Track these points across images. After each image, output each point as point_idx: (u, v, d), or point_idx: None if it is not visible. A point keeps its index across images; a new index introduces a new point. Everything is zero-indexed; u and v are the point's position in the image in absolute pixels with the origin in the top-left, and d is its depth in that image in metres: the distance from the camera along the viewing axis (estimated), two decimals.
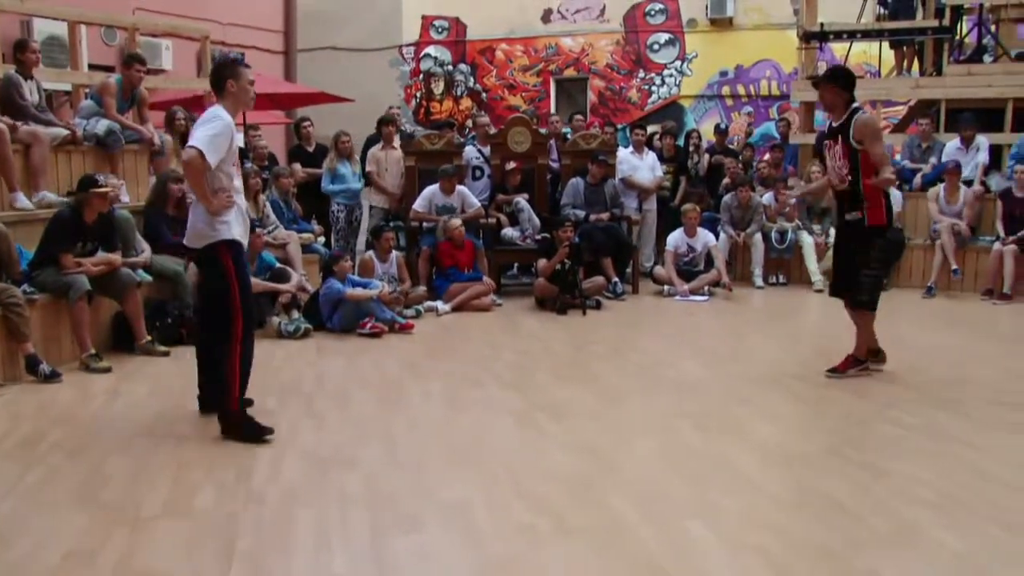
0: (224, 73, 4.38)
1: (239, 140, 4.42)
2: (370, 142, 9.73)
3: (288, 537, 3.20)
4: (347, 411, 4.87)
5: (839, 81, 5.18)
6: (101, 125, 7.19)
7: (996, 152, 9.83)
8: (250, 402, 4.65)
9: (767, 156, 10.58)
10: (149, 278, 6.52)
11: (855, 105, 5.20)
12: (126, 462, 3.98)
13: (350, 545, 3.12)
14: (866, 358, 5.34)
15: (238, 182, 4.52)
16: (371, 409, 4.92)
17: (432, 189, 8.68)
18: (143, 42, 9.86)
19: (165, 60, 11.45)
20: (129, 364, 5.96)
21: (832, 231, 9.43)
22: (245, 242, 4.52)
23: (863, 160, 5.07)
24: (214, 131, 4.20)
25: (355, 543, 3.13)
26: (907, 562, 2.95)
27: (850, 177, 5.10)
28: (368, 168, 9.35)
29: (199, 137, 4.19)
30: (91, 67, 9.15)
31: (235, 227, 4.37)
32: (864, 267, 5.25)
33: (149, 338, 6.22)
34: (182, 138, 8.08)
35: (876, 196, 5.14)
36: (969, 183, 9.33)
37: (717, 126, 11.70)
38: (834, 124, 5.22)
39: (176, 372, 5.74)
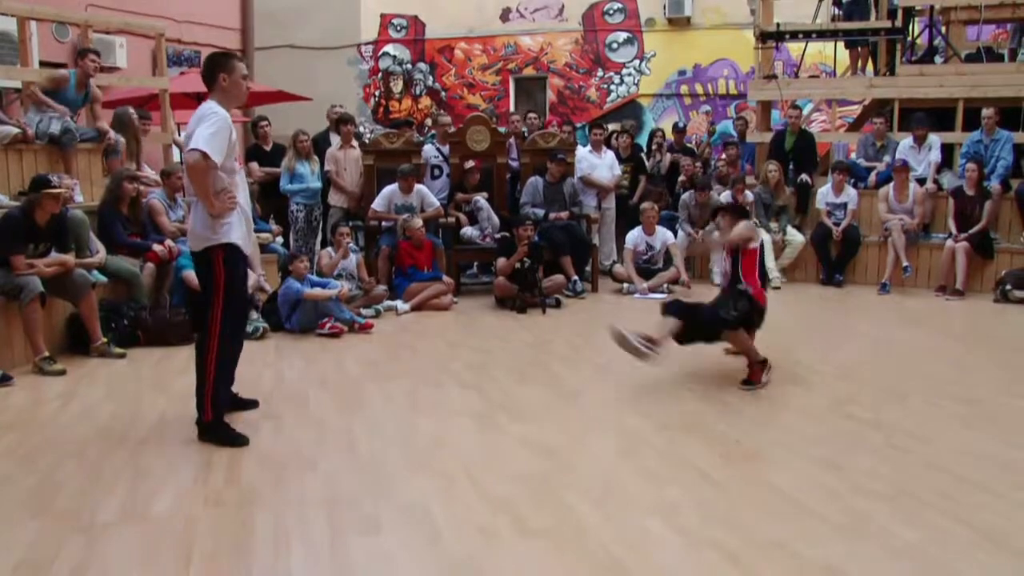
0: (216, 66, 4.19)
1: (234, 138, 4.23)
2: (317, 141, 9.62)
3: (247, 540, 3.17)
4: (306, 412, 4.84)
5: (736, 212, 5.81)
6: (56, 124, 7.08)
7: (948, 151, 10.02)
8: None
9: (723, 155, 10.69)
10: (104, 279, 6.43)
11: None
12: (81, 467, 3.93)
13: (309, 547, 3.10)
14: (763, 357, 5.36)
15: (240, 178, 4.39)
16: (330, 410, 4.90)
17: (391, 188, 8.65)
18: (96, 39, 9.70)
19: (119, 58, 11.29)
20: (84, 367, 5.87)
21: (790, 228, 9.60)
22: (247, 245, 4.37)
23: (743, 259, 5.48)
24: (213, 128, 4.03)
25: (314, 545, 3.12)
26: (862, 554, 3.00)
27: (730, 275, 5.56)
28: (327, 167, 9.29)
29: (199, 137, 4.02)
30: (42, 64, 8.98)
31: (235, 230, 4.25)
32: (726, 308, 5.26)
33: (104, 340, 6.13)
34: (135, 138, 7.99)
35: (757, 287, 5.46)
36: (922, 181, 9.50)
37: (675, 125, 11.79)
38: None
39: (132, 374, 5.68)
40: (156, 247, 6.84)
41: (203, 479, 3.77)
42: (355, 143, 9.53)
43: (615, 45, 14.67)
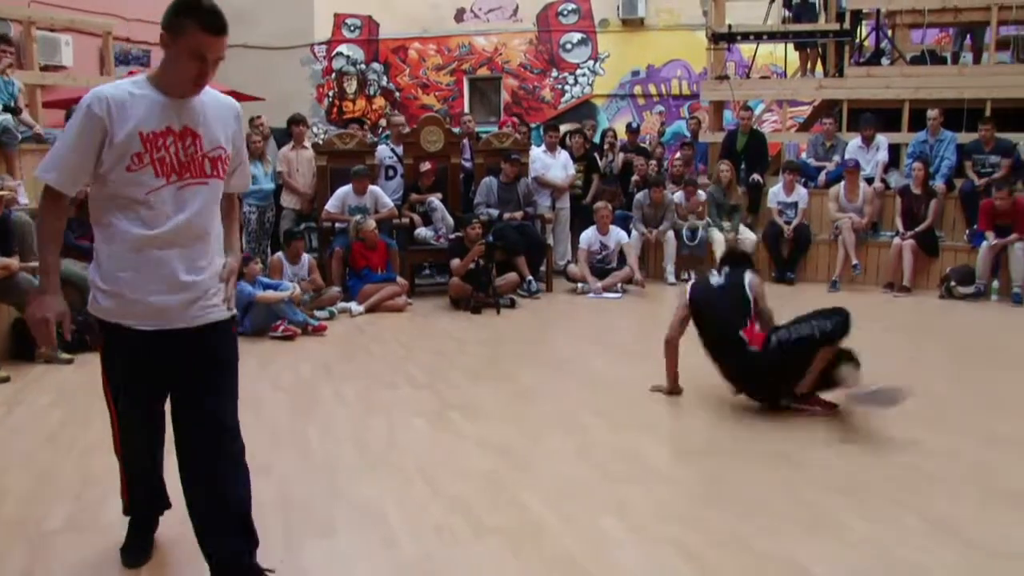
0: (166, 17, 2.51)
1: (132, 133, 2.51)
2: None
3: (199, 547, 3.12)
4: (260, 416, 4.78)
5: None
6: None
7: (895, 151, 10.21)
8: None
9: (678, 154, 10.78)
10: None
11: None
12: (27, 475, 3.84)
13: (264, 552, 3.04)
14: None
15: (179, 217, 2.59)
16: (284, 413, 4.85)
17: (345, 189, 8.60)
18: (41, 37, 9.52)
19: (65, 56, 11.05)
20: (30, 373, 5.75)
21: (742, 227, 9.70)
22: (160, 320, 2.64)
23: None
24: (65, 132, 2.58)
25: (269, 550, 3.07)
26: (817, 547, 3.04)
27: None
28: (279, 168, 9.21)
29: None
30: None
31: (116, 301, 2.64)
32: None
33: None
34: None
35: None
36: (870, 180, 9.66)
37: (629, 125, 11.87)
38: None
39: (80, 380, 5.56)
40: None
41: None
42: (307, 144, 9.46)
43: (569, 46, 14.73)
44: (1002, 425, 4.50)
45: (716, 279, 5.01)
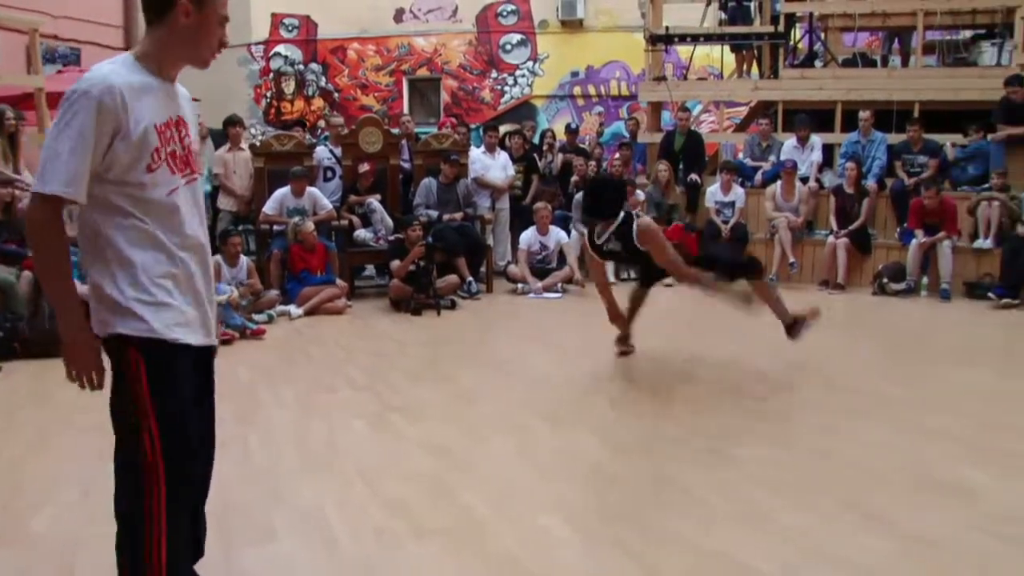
0: None
1: (148, 127, 2.19)
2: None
3: None
4: None
5: None
6: None
7: (828, 151, 10.42)
8: None
9: (617, 155, 10.87)
10: None
11: None
12: None
13: (203, 561, 3.00)
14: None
15: (193, 219, 2.33)
16: (223, 418, 4.71)
17: (283, 191, 8.50)
18: None
19: None
20: None
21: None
22: (202, 337, 2.35)
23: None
24: (68, 131, 2.08)
25: (208, 558, 3.01)
26: (757, 543, 3.07)
27: None
28: (215, 170, 9.07)
29: (43, 156, 2.10)
30: None
31: (166, 312, 2.22)
32: None
33: None
34: (10, 139, 7.62)
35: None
36: (805, 180, 9.85)
37: (568, 125, 11.94)
38: None
39: (8, 388, 5.42)
40: None
41: (86, 496, 3.60)
42: (244, 145, 9.33)
43: (509, 47, 14.76)
44: (933, 418, 4.60)
45: (610, 244, 5.48)
